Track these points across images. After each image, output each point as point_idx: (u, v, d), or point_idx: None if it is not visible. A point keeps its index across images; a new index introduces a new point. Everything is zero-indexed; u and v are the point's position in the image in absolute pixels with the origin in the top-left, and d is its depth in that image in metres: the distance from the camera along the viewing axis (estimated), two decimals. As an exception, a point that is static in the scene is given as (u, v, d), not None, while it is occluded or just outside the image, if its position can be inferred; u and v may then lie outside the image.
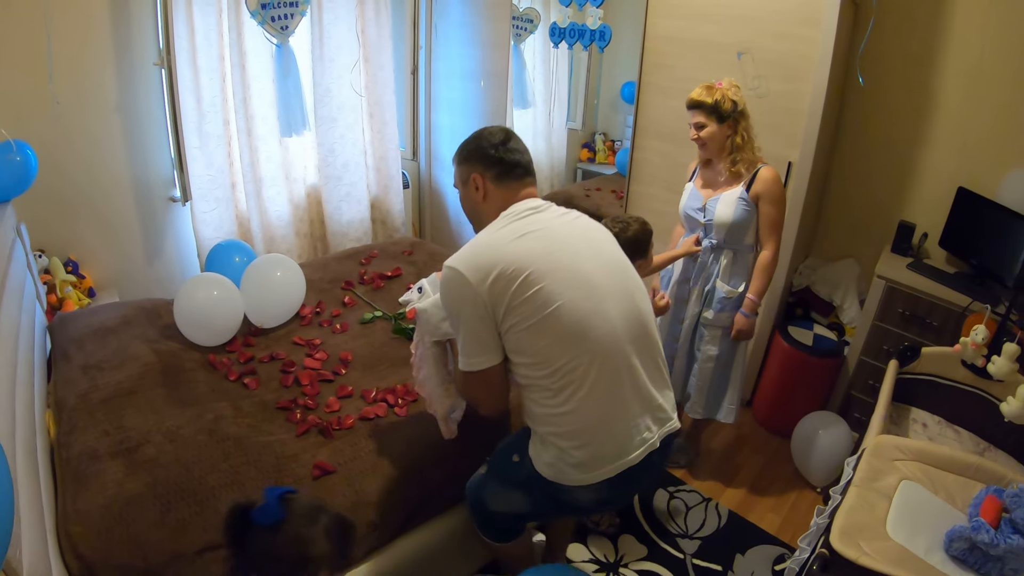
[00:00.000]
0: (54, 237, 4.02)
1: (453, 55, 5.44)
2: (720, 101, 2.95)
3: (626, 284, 2.11)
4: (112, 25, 3.94)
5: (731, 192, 3.05)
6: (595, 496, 2.09)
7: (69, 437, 2.48)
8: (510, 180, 2.15)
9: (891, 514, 2.16)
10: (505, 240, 1.98)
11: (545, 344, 1.93)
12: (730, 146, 3.03)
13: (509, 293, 1.90)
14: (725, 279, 3.17)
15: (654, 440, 2.06)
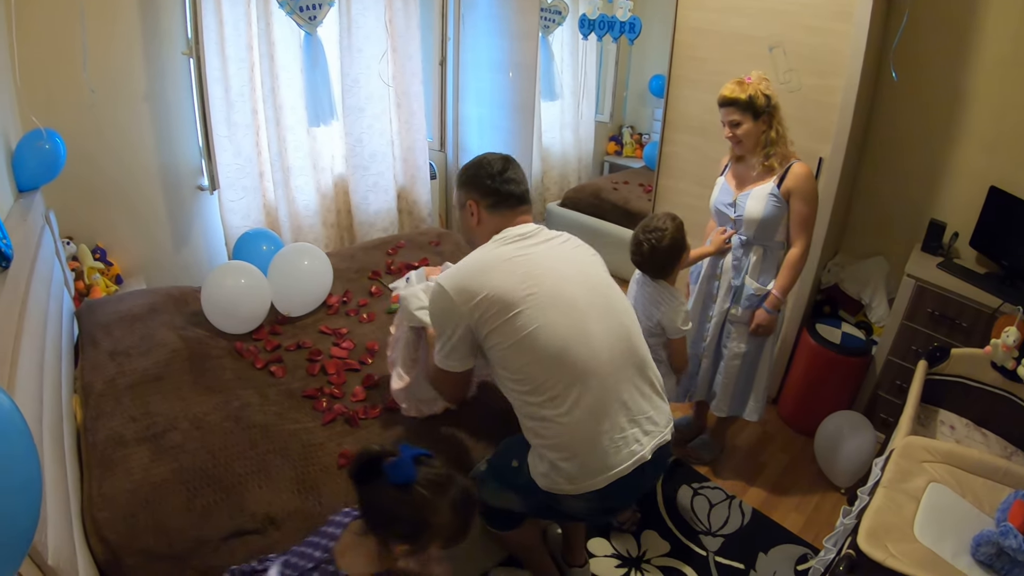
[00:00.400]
0: (82, 224, 4.05)
1: (481, 46, 5.43)
2: (755, 96, 2.88)
3: (611, 304, 2.21)
4: (141, 15, 3.95)
5: (762, 188, 3.00)
6: (587, 506, 2.12)
7: (96, 422, 2.50)
8: (504, 209, 2.27)
9: (919, 516, 2.13)
10: (492, 264, 2.10)
11: (526, 362, 2.04)
12: (764, 141, 2.97)
13: (490, 316, 2.03)
14: (754, 276, 3.12)
15: (644, 452, 2.08)
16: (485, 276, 2.06)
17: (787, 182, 2.94)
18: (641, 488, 2.17)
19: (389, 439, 2.58)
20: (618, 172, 6.31)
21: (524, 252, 2.13)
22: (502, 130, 5.44)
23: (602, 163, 6.56)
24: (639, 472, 2.08)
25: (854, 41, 3.29)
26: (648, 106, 6.16)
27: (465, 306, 2.05)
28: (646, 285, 2.97)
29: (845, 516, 2.43)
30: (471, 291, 2.04)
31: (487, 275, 2.06)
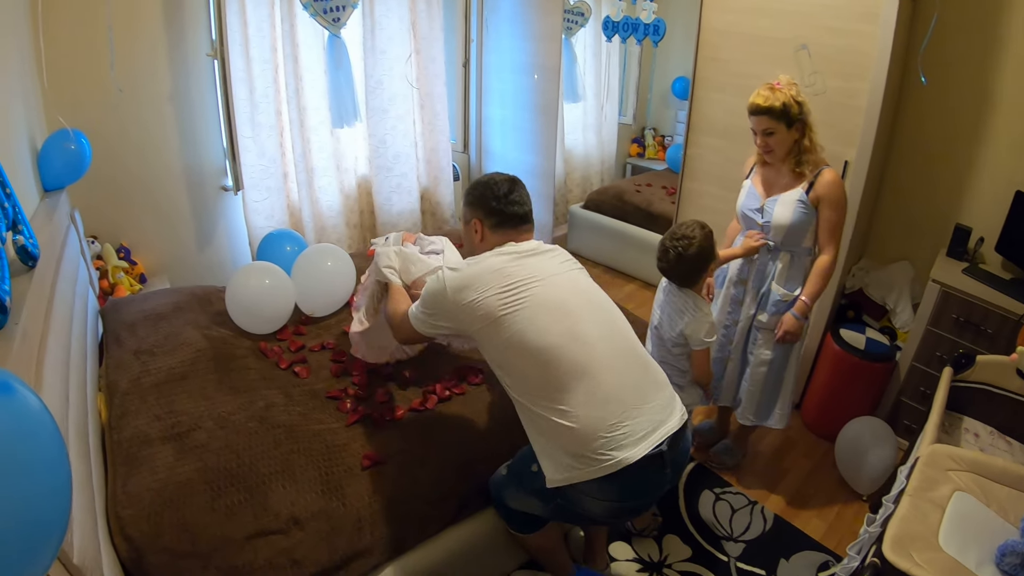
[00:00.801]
0: (107, 223, 4.08)
1: (504, 48, 5.44)
2: (789, 105, 2.82)
3: (600, 305, 2.31)
4: (165, 16, 3.98)
5: (790, 194, 2.96)
6: (606, 506, 2.13)
7: (121, 420, 2.51)
8: (507, 228, 2.38)
9: (944, 525, 2.11)
10: (485, 273, 2.19)
11: (522, 364, 2.14)
12: (797, 149, 2.92)
13: (476, 318, 2.16)
14: (781, 282, 3.09)
15: (655, 439, 2.08)
16: (478, 283, 2.16)
17: (816, 189, 2.90)
18: (660, 486, 2.16)
19: (415, 442, 2.59)
20: (641, 174, 6.31)
21: (517, 263, 2.22)
22: (525, 132, 5.44)
23: (624, 165, 6.56)
24: (656, 467, 2.08)
25: (880, 43, 3.26)
26: (671, 108, 6.16)
27: (455, 305, 2.18)
28: (672, 294, 2.95)
29: (869, 524, 2.42)
30: (462, 295, 2.17)
31: (479, 282, 2.17)
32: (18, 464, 1.07)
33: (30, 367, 1.82)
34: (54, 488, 1.16)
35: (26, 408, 1.14)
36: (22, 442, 1.10)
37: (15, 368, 1.68)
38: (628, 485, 2.07)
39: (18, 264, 2.24)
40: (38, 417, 1.15)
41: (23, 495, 1.07)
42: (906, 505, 2.17)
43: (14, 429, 1.09)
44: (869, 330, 3.79)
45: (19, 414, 1.12)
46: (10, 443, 1.07)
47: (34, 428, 1.13)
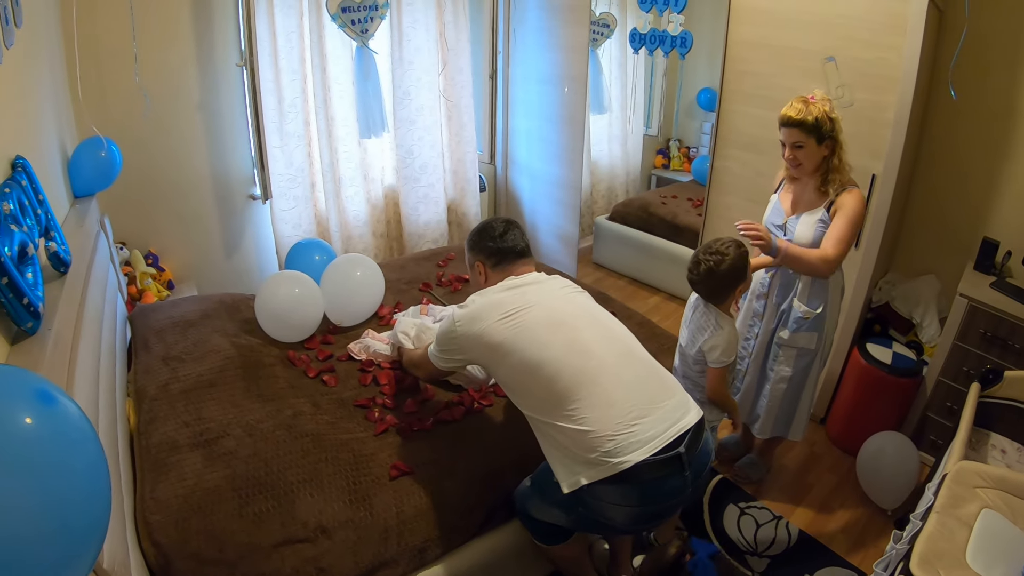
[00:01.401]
0: (135, 230, 4.12)
1: (531, 59, 5.44)
2: (821, 120, 2.76)
3: (598, 318, 2.41)
4: (195, 27, 4.03)
5: (813, 213, 2.92)
6: (628, 512, 2.13)
7: (149, 426, 2.53)
8: (506, 264, 2.55)
9: (971, 543, 2.09)
10: (486, 312, 2.32)
11: (529, 386, 2.23)
12: (825, 167, 2.87)
13: (482, 353, 2.34)
14: (803, 299, 3.03)
15: (667, 435, 2.10)
16: (480, 317, 2.30)
17: (835, 207, 2.86)
18: (680, 490, 2.14)
19: (443, 452, 2.60)
20: (666, 186, 6.30)
21: (515, 293, 2.37)
22: (551, 143, 5.44)
23: (649, 177, 6.55)
24: (675, 470, 2.10)
25: (908, 56, 3.23)
26: (696, 119, 6.15)
27: (463, 339, 2.34)
28: (697, 310, 2.91)
29: (896, 540, 2.40)
30: (468, 329, 2.31)
31: (482, 316, 2.31)
32: (60, 472, 1.09)
33: (62, 372, 1.83)
34: (94, 495, 1.17)
35: (67, 417, 1.16)
36: (64, 451, 1.11)
37: (48, 373, 1.70)
38: (647, 489, 2.08)
39: (50, 270, 2.26)
40: (79, 426, 1.17)
41: (65, 503, 1.08)
42: (933, 522, 2.15)
43: (56, 438, 1.11)
44: (896, 344, 3.76)
45: (61, 423, 1.14)
46: (53, 452, 1.09)
47: (75, 437, 1.15)
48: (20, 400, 1.10)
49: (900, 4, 3.21)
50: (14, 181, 2.09)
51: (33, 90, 2.75)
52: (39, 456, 1.06)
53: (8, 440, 1.03)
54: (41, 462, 1.06)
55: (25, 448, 1.05)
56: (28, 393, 1.13)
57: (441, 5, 4.91)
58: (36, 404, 1.12)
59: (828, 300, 3.02)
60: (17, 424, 1.06)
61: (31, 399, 1.12)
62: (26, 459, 1.04)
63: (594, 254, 6.24)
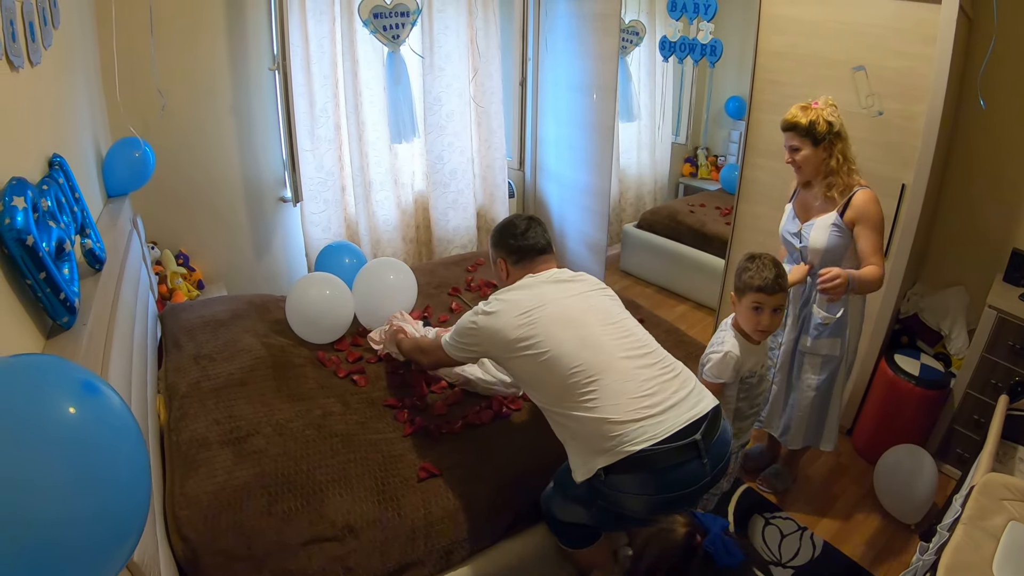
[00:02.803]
0: (167, 230, 4.17)
1: (560, 67, 5.45)
2: (815, 122, 2.82)
3: (612, 315, 2.43)
4: (228, 31, 4.08)
5: (825, 218, 2.93)
6: (646, 501, 2.14)
7: (180, 423, 2.56)
8: (527, 261, 2.63)
9: (998, 555, 2.07)
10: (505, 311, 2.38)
11: (543, 381, 2.29)
12: (825, 169, 2.91)
13: (499, 349, 2.39)
14: (822, 305, 3.03)
15: (674, 423, 2.13)
16: (500, 317, 2.37)
17: (850, 212, 2.86)
18: (698, 477, 2.15)
19: (471, 455, 2.61)
20: (694, 194, 6.29)
21: (532, 292, 2.44)
22: (580, 150, 5.44)
23: (677, 185, 6.55)
24: (692, 457, 2.12)
25: (937, 66, 3.22)
26: (724, 128, 6.13)
27: (484, 336, 2.40)
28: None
29: (922, 552, 2.39)
30: (489, 326, 2.37)
31: (501, 316, 2.37)
32: (105, 456, 1.11)
33: (96, 367, 1.85)
34: (136, 480, 1.18)
35: (110, 406, 1.17)
36: (108, 437, 1.13)
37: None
38: (664, 477, 2.10)
39: (85, 266, 2.29)
40: (120, 414, 1.19)
41: (109, 486, 1.10)
42: (960, 534, 2.14)
43: (101, 424, 1.13)
44: (923, 356, 3.73)
45: (105, 411, 1.15)
46: (97, 437, 1.10)
47: (118, 424, 1.17)
48: (66, 389, 1.12)
49: (930, 12, 3.20)
50: (52, 179, 2.12)
51: (70, 90, 2.79)
52: (84, 441, 1.08)
53: (55, 426, 1.05)
54: (86, 446, 1.08)
55: (72, 433, 1.07)
56: (73, 383, 1.15)
57: (472, 12, 4.93)
58: (81, 393, 1.13)
59: (847, 304, 3.01)
60: (63, 411, 1.08)
61: (76, 388, 1.14)
62: (73, 443, 1.06)
63: (622, 262, 6.23)
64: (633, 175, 6.24)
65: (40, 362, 1.17)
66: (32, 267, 1.66)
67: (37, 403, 1.06)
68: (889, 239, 3.52)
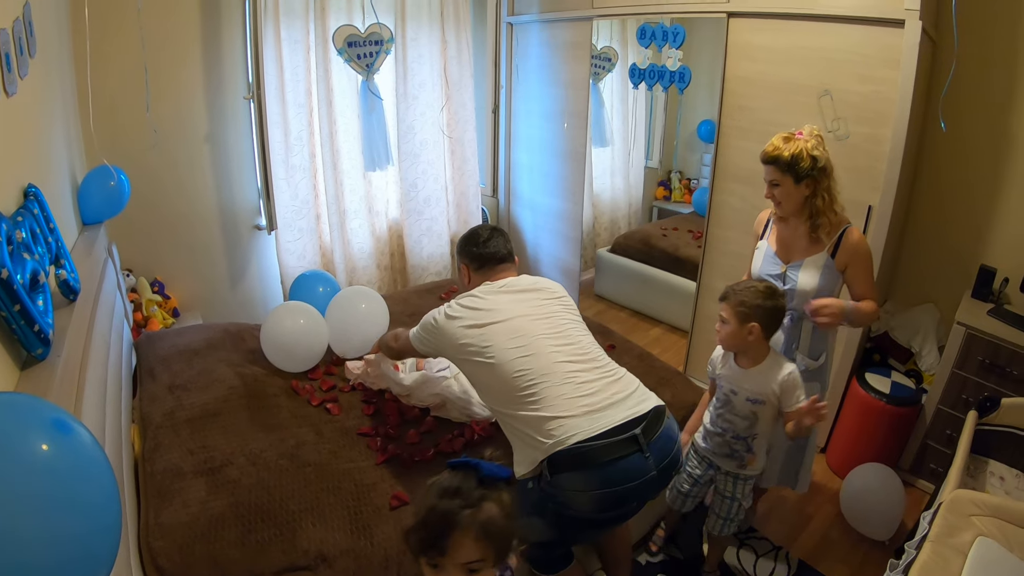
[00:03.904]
0: (142, 258, 4.18)
1: (533, 94, 5.53)
2: (798, 156, 2.62)
3: (562, 326, 2.53)
4: (204, 60, 4.12)
5: (815, 259, 2.76)
6: (592, 499, 2.18)
7: (154, 453, 2.55)
8: (487, 268, 2.76)
9: (966, 571, 2.10)
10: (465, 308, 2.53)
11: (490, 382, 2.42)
12: (811, 208, 2.73)
13: (454, 349, 2.51)
14: (805, 351, 2.88)
15: (611, 420, 2.22)
16: (457, 318, 2.51)
17: (842, 254, 2.72)
18: (643, 472, 2.20)
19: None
20: (667, 218, 6.33)
21: (488, 299, 2.56)
22: (553, 176, 5.51)
23: (651, 208, 6.59)
24: (634, 452, 2.19)
25: (901, 89, 3.28)
26: (696, 151, 6.18)
27: (441, 333, 2.54)
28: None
29: (892, 570, 2.41)
30: (446, 326, 2.52)
31: (457, 318, 2.51)
32: (75, 502, 1.12)
33: (70, 398, 1.85)
34: (106, 525, 1.20)
35: (82, 447, 1.19)
36: (79, 481, 1.15)
37: (57, 399, 1.72)
38: (606, 471, 2.16)
39: (59, 297, 2.29)
40: (93, 455, 1.20)
41: (77, 533, 1.11)
42: (928, 551, 2.17)
43: (72, 468, 1.14)
44: (895, 374, 3.78)
45: (77, 453, 1.17)
46: (69, 481, 1.12)
47: (90, 467, 1.18)
48: (37, 429, 1.14)
49: (894, 37, 3.27)
50: (26, 210, 2.13)
51: (46, 119, 2.80)
52: (54, 486, 1.10)
53: (24, 469, 1.07)
54: (55, 492, 1.10)
55: (41, 478, 1.08)
56: (44, 422, 1.16)
57: (445, 41, 4.99)
58: (52, 433, 1.15)
59: (828, 348, 2.93)
60: (34, 453, 1.09)
61: (48, 428, 1.15)
62: (41, 488, 1.07)
63: (596, 286, 6.27)
64: (607, 200, 6.28)
65: (13, 401, 1.18)
66: (6, 300, 1.67)
67: (9, 441, 1.08)
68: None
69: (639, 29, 4.76)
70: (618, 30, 5.50)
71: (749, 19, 3.88)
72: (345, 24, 4.38)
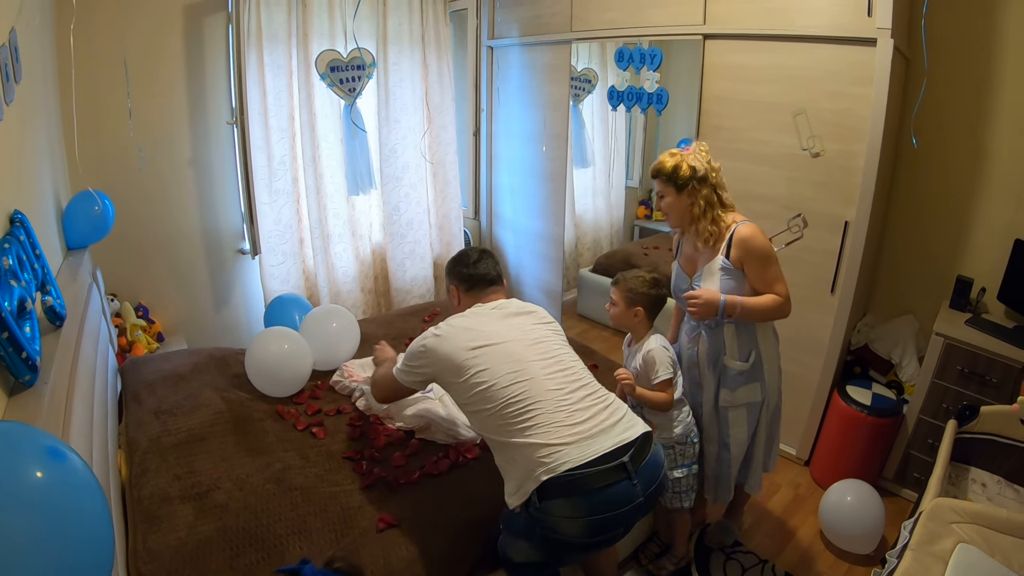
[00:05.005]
0: (126, 282, 4.19)
1: (513, 117, 5.57)
2: (678, 167, 2.76)
3: (552, 352, 2.52)
4: (187, 85, 4.15)
5: (711, 264, 2.81)
6: (581, 526, 2.19)
7: (141, 478, 2.56)
8: (476, 291, 2.77)
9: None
10: (455, 335, 2.50)
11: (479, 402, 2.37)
12: (689, 216, 2.83)
13: (445, 371, 2.47)
14: (734, 355, 2.88)
15: (601, 447, 2.21)
16: (450, 340, 2.48)
17: (734, 251, 2.75)
18: (629, 499, 2.21)
19: (429, 505, 2.62)
20: (648, 237, 6.35)
21: (481, 321, 2.57)
22: (534, 198, 5.55)
23: (632, 227, 6.62)
24: (622, 479, 2.19)
25: (874, 106, 3.33)
26: (675, 169, 6.20)
27: (434, 356, 2.48)
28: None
29: (874, 578, 2.43)
30: (439, 348, 2.48)
31: (451, 340, 2.48)
32: (69, 530, 1.14)
33: (58, 424, 1.86)
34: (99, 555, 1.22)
35: (76, 473, 1.21)
36: (73, 509, 1.17)
37: (45, 425, 1.72)
38: (595, 499, 2.16)
39: (45, 323, 2.29)
40: (86, 483, 1.22)
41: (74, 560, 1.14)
42: (908, 560, 2.18)
43: (66, 496, 1.16)
44: (876, 385, 3.80)
45: (70, 481, 1.19)
46: (64, 511, 1.14)
47: (84, 495, 1.20)
48: (32, 457, 1.16)
49: (866, 55, 3.32)
50: (12, 236, 2.14)
51: (31, 145, 2.81)
52: (49, 503, 1.12)
53: (20, 496, 1.09)
54: (51, 509, 1.12)
55: (37, 496, 1.11)
56: (40, 450, 1.18)
57: (426, 65, 5.04)
58: (47, 461, 1.17)
59: (758, 346, 2.91)
60: (30, 480, 1.12)
61: (42, 456, 1.17)
62: (38, 506, 1.10)
63: (578, 306, 6.27)
64: (590, 220, 6.30)
65: (7, 429, 1.20)
66: (-6, 327, 1.68)
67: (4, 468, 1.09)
68: (835, 274, 3.64)
69: (617, 52, 4.82)
70: (597, 52, 5.54)
71: (724, 40, 3.93)
72: (328, 49, 4.43)
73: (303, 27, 4.36)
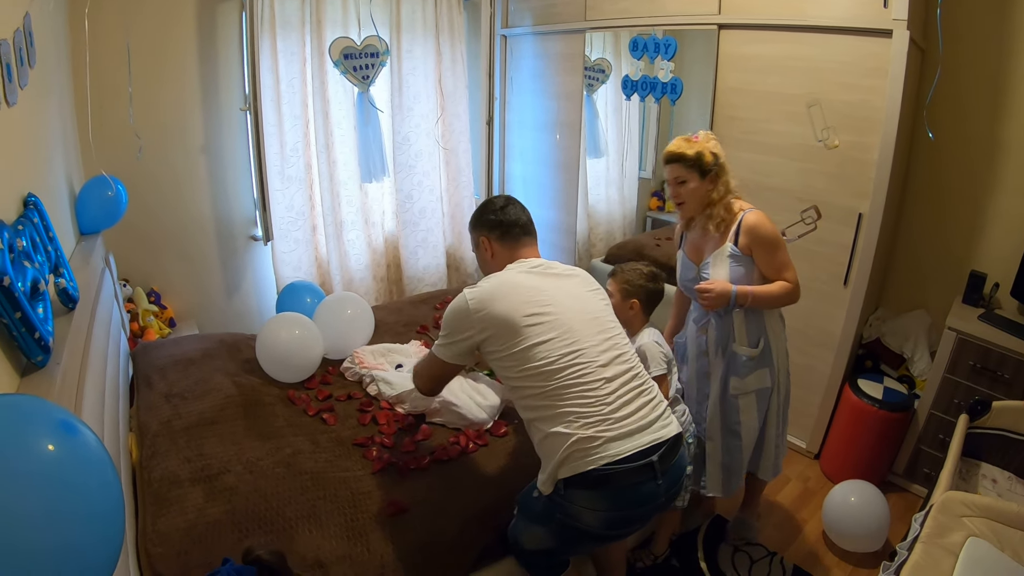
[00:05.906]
0: (139, 268, 4.21)
1: (527, 106, 5.56)
2: (702, 153, 2.78)
3: (607, 329, 2.39)
4: (201, 72, 4.16)
5: (720, 251, 2.83)
6: (602, 517, 2.19)
7: (151, 461, 2.58)
8: (510, 239, 2.55)
9: (957, 571, 2.11)
10: (507, 292, 2.32)
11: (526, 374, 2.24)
12: (707, 201, 2.84)
13: (495, 335, 2.27)
14: (743, 342, 2.90)
15: (637, 444, 2.16)
16: (499, 294, 2.30)
17: (743, 238, 2.77)
18: (652, 496, 2.19)
19: (439, 490, 2.62)
20: (660, 228, 6.33)
21: (538, 279, 2.41)
22: (547, 187, 5.54)
23: (645, 219, 6.59)
24: (647, 477, 2.16)
25: (889, 98, 3.31)
26: (689, 160, 6.17)
27: (477, 316, 2.27)
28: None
29: (884, 571, 2.43)
30: (484, 305, 2.28)
31: (501, 293, 2.30)
32: (81, 504, 1.15)
33: (69, 405, 1.87)
34: (110, 528, 1.23)
35: (87, 446, 1.21)
36: (85, 483, 1.18)
37: (57, 406, 1.74)
38: (620, 495, 2.14)
39: (58, 305, 2.30)
40: (98, 456, 1.23)
41: (84, 525, 1.14)
42: (919, 552, 2.18)
43: (78, 469, 1.17)
44: (887, 379, 3.79)
45: (83, 454, 1.20)
46: (75, 483, 1.15)
47: (95, 469, 1.21)
48: (44, 430, 1.16)
49: (882, 46, 3.29)
50: (27, 219, 2.15)
51: (45, 129, 2.82)
52: (61, 476, 1.13)
53: (32, 469, 1.09)
54: (63, 482, 1.13)
55: (49, 469, 1.11)
56: (52, 423, 1.19)
57: (440, 53, 5.03)
58: (60, 433, 1.17)
59: (767, 332, 2.92)
60: (41, 453, 1.12)
61: (55, 428, 1.18)
62: (50, 478, 1.11)
63: (590, 296, 6.26)
64: (602, 210, 6.28)
65: (19, 402, 1.20)
66: (8, 307, 1.69)
67: (16, 440, 1.10)
68: (848, 267, 3.62)
69: (631, 41, 4.79)
70: (611, 41, 5.52)
71: (739, 31, 3.91)
72: (341, 36, 4.42)
73: (316, 14, 4.35)
